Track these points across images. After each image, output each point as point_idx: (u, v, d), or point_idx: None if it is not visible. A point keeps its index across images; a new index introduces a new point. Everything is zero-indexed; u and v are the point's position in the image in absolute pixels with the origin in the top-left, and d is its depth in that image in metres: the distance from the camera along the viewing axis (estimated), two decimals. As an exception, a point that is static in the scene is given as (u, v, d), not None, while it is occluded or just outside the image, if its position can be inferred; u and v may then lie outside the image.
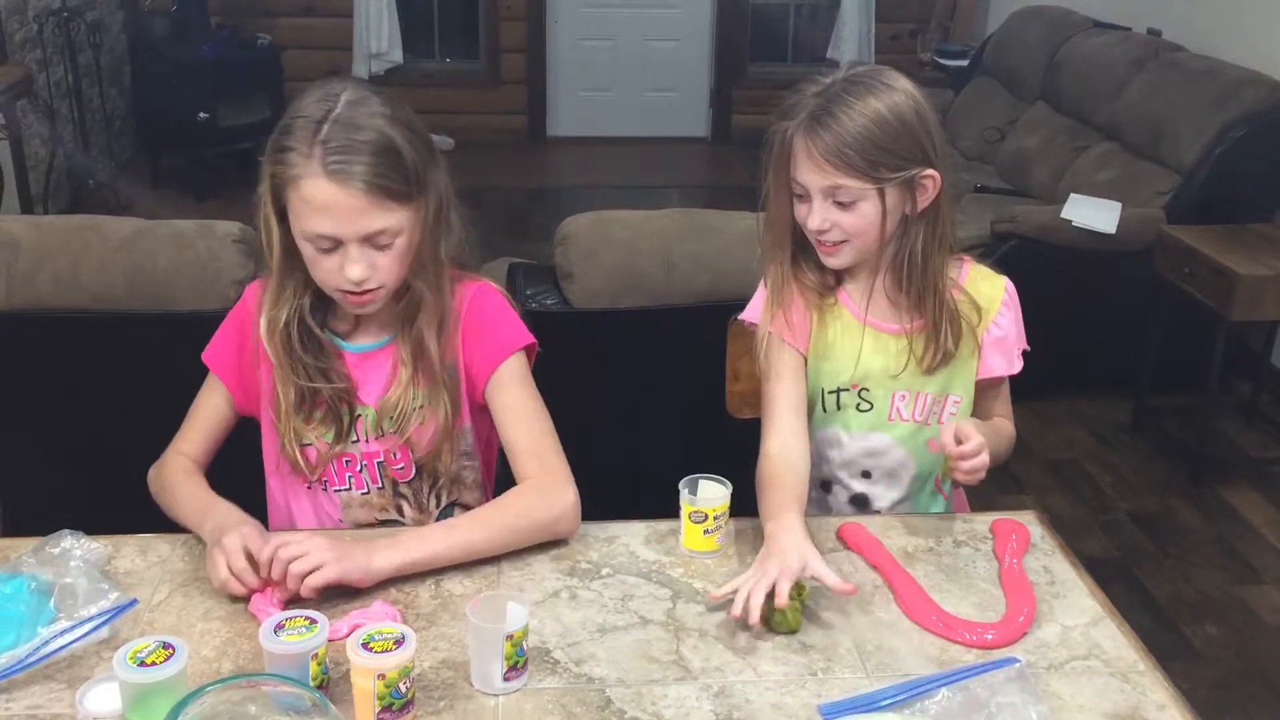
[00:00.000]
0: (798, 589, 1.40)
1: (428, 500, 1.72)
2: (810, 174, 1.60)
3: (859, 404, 1.74)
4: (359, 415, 1.65)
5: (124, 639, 1.34)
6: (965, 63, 5.96)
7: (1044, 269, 3.52)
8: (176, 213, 4.98)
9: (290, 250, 1.56)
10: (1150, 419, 3.86)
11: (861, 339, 1.71)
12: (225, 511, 1.54)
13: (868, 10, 6.94)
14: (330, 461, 1.66)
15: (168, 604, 1.43)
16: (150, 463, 2.43)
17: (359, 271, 1.51)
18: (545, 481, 1.59)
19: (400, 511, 1.71)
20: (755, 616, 1.37)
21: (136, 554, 1.53)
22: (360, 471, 1.68)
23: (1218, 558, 3.18)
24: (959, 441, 1.55)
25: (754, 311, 1.77)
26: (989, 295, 1.72)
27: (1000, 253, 3.73)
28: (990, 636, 1.38)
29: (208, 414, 1.71)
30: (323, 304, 1.64)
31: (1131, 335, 3.76)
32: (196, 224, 2.47)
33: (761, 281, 1.77)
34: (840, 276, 1.74)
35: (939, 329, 1.67)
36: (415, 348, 1.63)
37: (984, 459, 1.56)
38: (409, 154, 1.51)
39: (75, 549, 1.44)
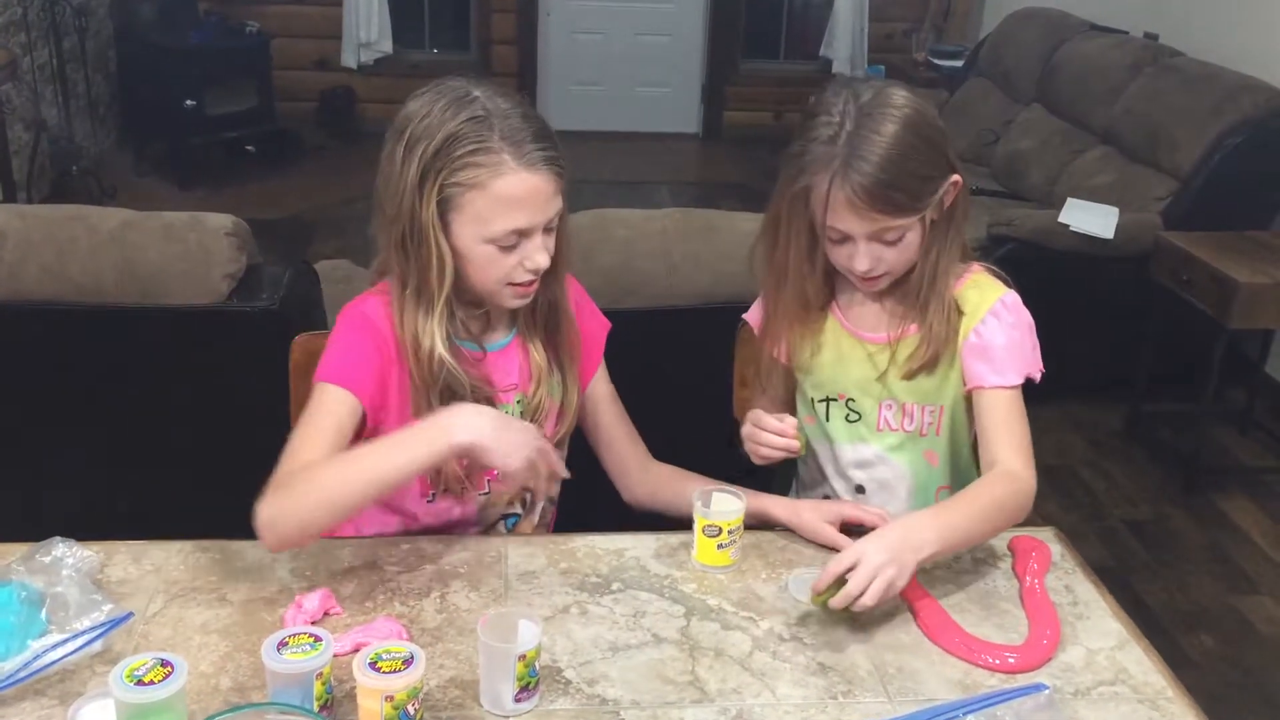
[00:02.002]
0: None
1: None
2: (854, 223, 1.54)
3: (847, 414, 1.71)
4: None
5: (118, 652, 1.29)
6: (960, 63, 5.94)
7: (1040, 273, 3.46)
8: (160, 200, 4.93)
9: (455, 267, 1.52)
10: (1144, 426, 3.85)
11: (846, 349, 1.69)
12: (451, 408, 1.46)
13: (861, 9, 6.91)
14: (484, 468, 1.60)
15: (163, 615, 1.38)
16: (140, 460, 2.39)
17: (546, 258, 1.52)
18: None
19: (523, 504, 1.70)
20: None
21: (129, 561, 1.48)
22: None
23: (1212, 567, 3.17)
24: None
25: (755, 315, 1.80)
26: (975, 302, 1.63)
27: (996, 256, 3.68)
28: (1013, 660, 1.35)
29: (334, 429, 1.49)
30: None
31: (1126, 341, 3.74)
32: (187, 216, 2.42)
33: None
34: (834, 291, 1.71)
35: (932, 331, 1.61)
36: (546, 336, 1.64)
37: (869, 591, 1.34)
38: (555, 134, 1.53)
39: (67, 557, 1.39)
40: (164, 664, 1.15)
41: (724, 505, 1.52)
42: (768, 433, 1.59)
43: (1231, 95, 3.92)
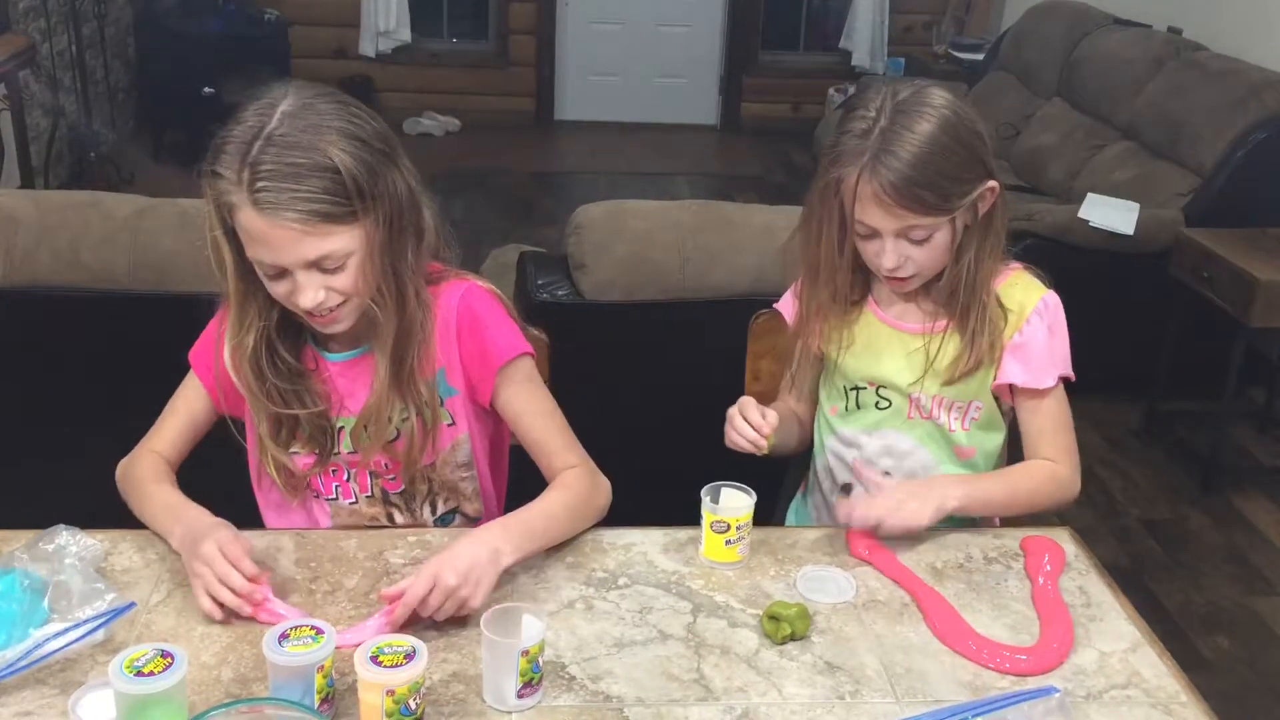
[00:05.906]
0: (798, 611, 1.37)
1: (420, 508, 1.66)
2: (881, 218, 1.54)
3: (877, 401, 1.70)
4: (341, 427, 1.58)
5: (120, 642, 1.29)
6: (980, 56, 5.91)
7: (1059, 269, 3.43)
8: (177, 188, 4.93)
9: (248, 270, 1.45)
10: (1163, 424, 3.81)
11: (883, 341, 1.68)
12: (194, 516, 1.45)
13: (882, 1, 6.87)
14: (314, 476, 1.61)
15: (166, 605, 1.38)
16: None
17: (309, 299, 1.41)
18: (588, 470, 1.59)
19: (391, 519, 1.65)
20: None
21: (134, 550, 1.47)
22: (348, 480, 1.62)
23: (1229, 567, 3.14)
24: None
25: (786, 305, 1.79)
26: (1020, 302, 1.64)
27: (1015, 251, 3.66)
28: (1024, 662, 1.33)
29: (185, 414, 1.63)
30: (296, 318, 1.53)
31: (1146, 338, 3.70)
32: (202, 203, 2.41)
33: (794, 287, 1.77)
34: (869, 286, 1.70)
35: (975, 340, 1.61)
36: (394, 357, 1.52)
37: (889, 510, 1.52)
38: (350, 169, 1.37)
39: (70, 545, 1.38)
40: (164, 655, 1.14)
41: (733, 501, 1.51)
42: (746, 424, 1.59)
43: (1255, 91, 3.88)
